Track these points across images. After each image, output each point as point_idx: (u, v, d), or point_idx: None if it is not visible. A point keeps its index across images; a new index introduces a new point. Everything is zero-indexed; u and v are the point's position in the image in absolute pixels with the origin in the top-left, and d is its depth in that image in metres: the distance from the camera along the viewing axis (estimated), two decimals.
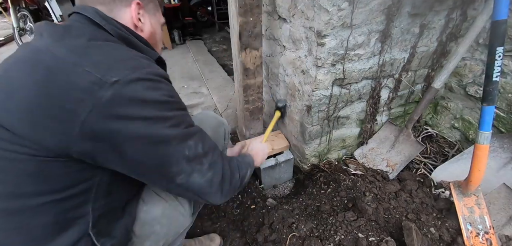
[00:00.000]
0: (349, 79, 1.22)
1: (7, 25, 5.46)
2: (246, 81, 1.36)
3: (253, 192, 1.39)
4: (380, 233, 1.11)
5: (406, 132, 1.45)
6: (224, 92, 2.54)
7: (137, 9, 0.67)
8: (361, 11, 1.02)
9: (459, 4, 1.22)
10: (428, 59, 1.37)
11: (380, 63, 1.24)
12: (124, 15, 0.65)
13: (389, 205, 1.19)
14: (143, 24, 0.69)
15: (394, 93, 1.43)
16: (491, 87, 0.95)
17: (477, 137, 1.01)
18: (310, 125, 1.32)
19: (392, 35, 1.16)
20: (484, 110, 0.98)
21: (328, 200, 1.30)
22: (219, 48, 4.12)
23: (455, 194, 1.13)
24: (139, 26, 0.68)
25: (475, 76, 1.37)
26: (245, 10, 1.13)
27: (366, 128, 1.49)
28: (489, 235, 1.04)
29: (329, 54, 1.08)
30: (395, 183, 1.30)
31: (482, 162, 1.02)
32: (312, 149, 1.45)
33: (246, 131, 1.56)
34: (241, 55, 1.25)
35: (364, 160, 1.50)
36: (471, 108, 1.44)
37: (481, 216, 1.08)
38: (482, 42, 1.30)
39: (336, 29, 1.03)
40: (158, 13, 0.76)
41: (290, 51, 1.30)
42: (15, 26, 3.89)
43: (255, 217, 1.25)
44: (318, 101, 1.23)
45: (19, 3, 3.98)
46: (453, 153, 1.48)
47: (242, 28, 1.18)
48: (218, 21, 4.98)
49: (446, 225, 1.11)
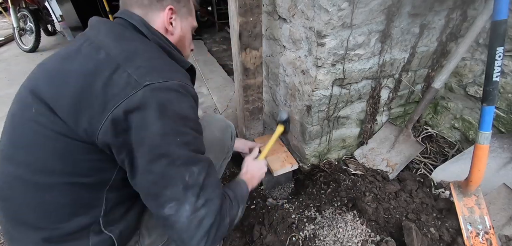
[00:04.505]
0: (349, 79, 1.22)
1: (7, 25, 5.46)
2: (246, 81, 1.36)
3: (253, 192, 1.40)
4: (380, 233, 1.11)
5: (406, 132, 1.45)
6: (224, 92, 2.54)
7: (170, 14, 0.71)
8: (361, 11, 1.02)
9: (459, 4, 1.22)
10: (428, 59, 1.37)
11: (380, 63, 1.24)
12: (157, 19, 0.70)
13: (389, 205, 1.19)
14: (174, 28, 0.73)
15: (394, 93, 1.43)
16: (491, 87, 0.95)
17: (477, 137, 1.01)
18: (310, 125, 1.32)
19: (392, 35, 1.16)
20: (484, 110, 0.98)
21: (328, 200, 1.30)
22: (219, 48, 4.12)
23: (455, 194, 1.13)
24: (169, 30, 0.72)
25: (475, 76, 1.37)
26: (245, 10, 1.13)
27: (366, 128, 1.49)
28: (489, 235, 1.04)
29: (329, 54, 1.08)
30: (395, 183, 1.30)
31: (482, 162, 1.02)
32: (312, 149, 1.45)
33: (246, 131, 1.56)
34: (241, 55, 1.25)
35: (364, 160, 1.50)
36: (471, 109, 1.44)
37: (481, 216, 1.08)
38: (482, 42, 1.30)
39: (336, 29, 1.03)
40: (190, 17, 0.80)
41: (290, 51, 1.30)
42: (15, 26, 3.89)
43: (255, 217, 1.25)
44: (318, 101, 1.23)
45: (19, 3, 3.98)
46: (453, 153, 1.48)
47: (242, 28, 1.18)
48: (218, 21, 4.98)
49: (446, 225, 1.11)
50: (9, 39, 4.62)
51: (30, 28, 3.93)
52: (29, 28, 3.94)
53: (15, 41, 4.08)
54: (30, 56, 3.93)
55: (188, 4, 0.78)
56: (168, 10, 0.70)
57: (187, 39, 0.80)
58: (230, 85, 2.69)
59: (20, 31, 3.98)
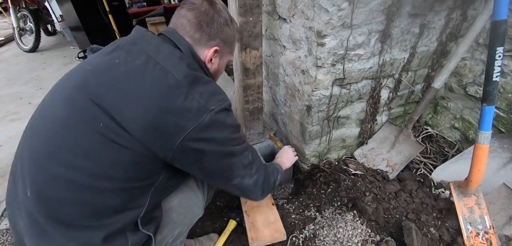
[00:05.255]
0: (349, 79, 1.22)
1: (7, 25, 5.46)
2: (246, 81, 1.36)
3: None
4: (380, 233, 1.11)
5: (406, 132, 1.45)
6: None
7: (213, 53, 0.80)
8: (361, 11, 1.02)
9: (459, 4, 1.21)
10: (428, 59, 1.37)
11: (380, 63, 1.24)
12: (202, 53, 0.79)
13: (389, 205, 1.19)
14: (212, 64, 0.84)
15: (394, 93, 1.43)
16: (491, 87, 0.95)
17: (477, 137, 1.01)
18: (310, 124, 1.32)
19: (392, 35, 1.16)
20: (484, 110, 0.98)
21: (328, 200, 1.30)
22: None
23: (455, 194, 1.13)
24: (208, 66, 0.82)
25: (475, 76, 1.37)
26: (245, 10, 1.13)
27: (366, 128, 1.49)
28: (489, 235, 1.04)
29: (329, 54, 1.08)
30: (395, 183, 1.30)
31: (482, 162, 1.02)
32: (312, 149, 1.45)
33: (246, 131, 1.56)
34: (241, 55, 1.25)
35: (364, 160, 1.50)
36: (471, 108, 1.44)
37: (481, 216, 1.08)
38: (482, 42, 1.30)
39: (336, 29, 1.03)
40: (229, 56, 0.90)
41: (290, 51, 1.30)
42: (15, 26, 3.90)
43: None
44: (318, 101, 1.23)
45: (19, 3, 3.98)
46: (453, 153, 1.48)
47: (242, 28, 1.18)
48: None
49: (446, 225, 1.11)
50: (9, 39, 4.62)
51: (30, 28, 3.94)
52: (29, 28, 3.95)
53: (15, 41, 4.08)
54: (30, 56, 3.93)
55: (232, 46, 0.87)
56: (212, 50, 0.79)
57: (220, 72, 0.91)
58: (230, 85, 2.69)
59: (20, 31, 3.98)
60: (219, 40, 0.80)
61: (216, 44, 0.80)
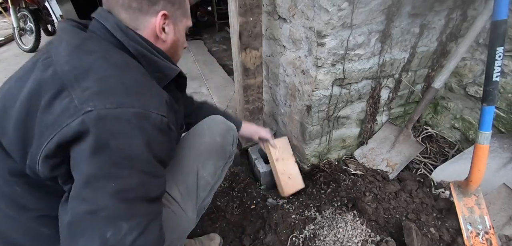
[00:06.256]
0: (349, 79, 1.22)
1: (7, 25, 5.46)
2: (246, 81, 1.36)
3: (253, 192, 1.39)
4: (380, 233, 1.11)
5: (406, 132, 1.45)
6: (224, 92, 2.54)
7: (163, 19, 0.63)
8: (361, 11, 1.02)
9: (459, 4, 1.21)
10: (428, 59, 1.37)
11: (380, 63, 1.24)
12: (148, 25, 0.62)
13: (389, 205, 1.19)
14: (167, 35, 0.66)
15: (394, 93, 1.43)
16: (491, 87, 0.95)
17: (477, 137, 1.01)
18: (310, 124, 1.32)
19: (392, 35, 1.16)
20: (484, 110, 0.98)
21: (328, 200, 1.30)
22: (219, 48, 4.12)
23: (455, 194, 1.13)
24: (161, 38, 0.65)
25: (475, 76, 1.37)
26: (245, 10, 1.13)
27: (366, 128, 1.49)
28: (489, 235, 1.04)
29: (329, 54, 1.08)
30: (395, 183, 1.30)
31: (482, 162, 1.02)
32: (312, 149, 1.45)
33: None
34: (241, 55, 1.25)
35: (364, 160, 1.50)
36: (471, 108, 1.44)
37: (481, 216, 1.08)
38: (482, 42, 1.30)
39: (336, 29, 1.03)
40: (185, 19, 0.72)
41: (290, 51, 1.30)
42: (15, 26, 3.89)
43: (255, 217, 1.25)
44: (318, 101, 1.23)
45: (19, 3, 3.98)
46: (453, 153, 1.48)
47: (242, 28, 1.18)
48: (218, 21, 4.98)
49: (446, 225, 1.11)
50: (9, 39, 4.62)
51: (30, 28, 3.93)
52: (29, 28, 3.94)
53: (15, 41, 4.08)
54: (30, 56, 3.92)
55: (183, 5, 0.69)
56: (160, 16, 0.62)
57: (181, 43, 0.73)
58: (230, 85, 2.69)
59: (20, 31, 3.98)
60: (163, 1, 0.63)
61: (161, 7, 0.62)
